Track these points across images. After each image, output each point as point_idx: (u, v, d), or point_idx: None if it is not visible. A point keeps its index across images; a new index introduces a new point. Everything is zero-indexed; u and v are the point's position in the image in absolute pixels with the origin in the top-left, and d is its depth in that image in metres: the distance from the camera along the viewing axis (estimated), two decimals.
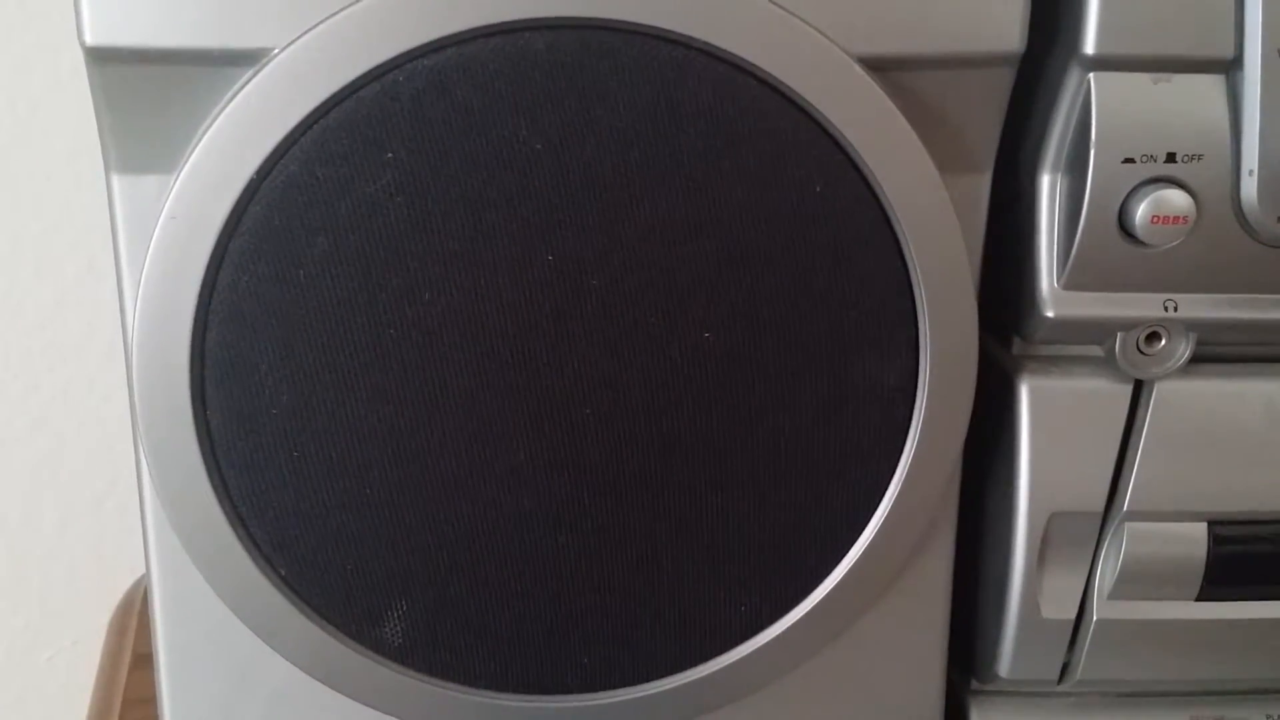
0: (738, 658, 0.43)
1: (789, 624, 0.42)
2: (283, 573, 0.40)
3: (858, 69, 0.36)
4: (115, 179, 0.38)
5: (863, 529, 0.41)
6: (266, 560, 0.40)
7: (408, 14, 0.35)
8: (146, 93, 0.36)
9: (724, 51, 0.36)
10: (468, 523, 0.39)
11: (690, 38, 0.36)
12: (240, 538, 0.39)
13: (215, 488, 0.38)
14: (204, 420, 0.38)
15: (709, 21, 0.35)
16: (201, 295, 0.36)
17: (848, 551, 0.42)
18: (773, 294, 0.38)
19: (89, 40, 0.35)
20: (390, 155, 0.35)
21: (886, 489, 0.41)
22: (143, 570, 0.43)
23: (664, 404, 0.39)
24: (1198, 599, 0.44)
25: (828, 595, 0.42)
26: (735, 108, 0.36)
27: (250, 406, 0.38)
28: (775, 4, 0.36)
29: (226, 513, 0.39)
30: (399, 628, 0.41)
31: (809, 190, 0.37)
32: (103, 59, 0.35)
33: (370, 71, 0.35)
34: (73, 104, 0.64)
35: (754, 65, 0.36)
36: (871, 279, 0.38)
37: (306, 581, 0.40)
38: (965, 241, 0.39)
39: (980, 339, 0.40)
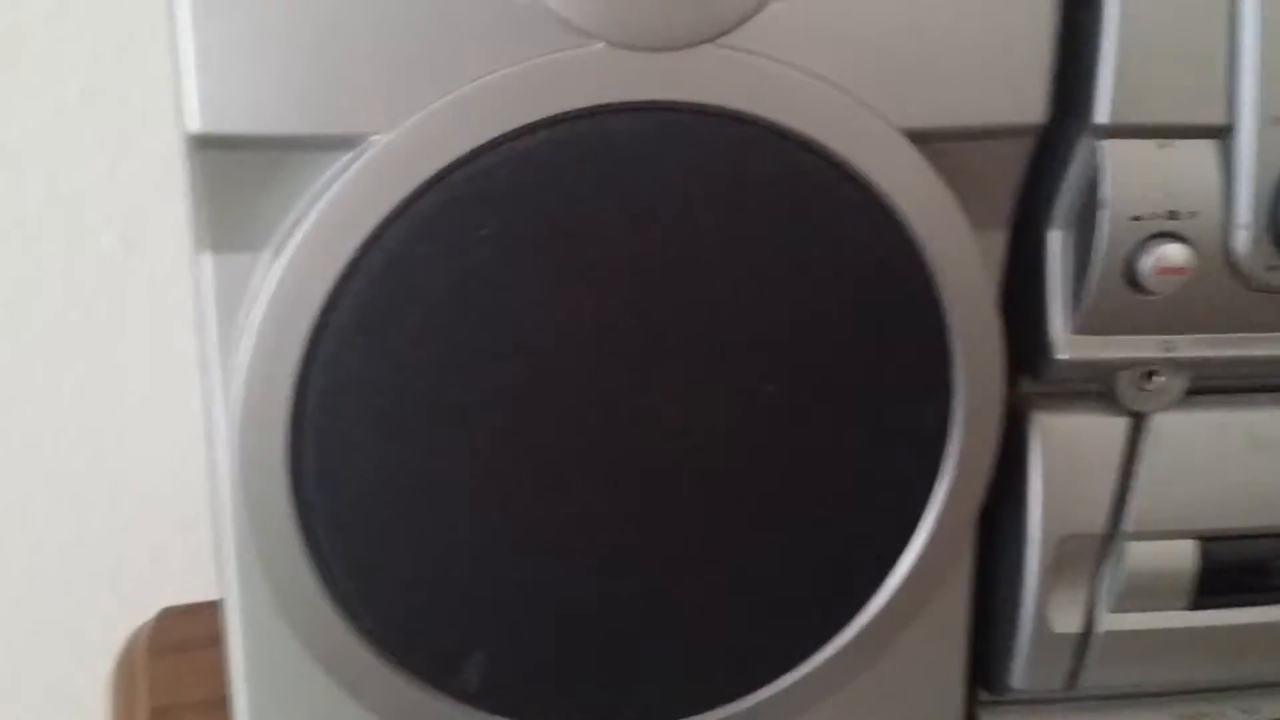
0: (784, 686, 0.46)
1: (831, 653, 0.45)
2: (368, 627, 0.42)
3: (905, 142, 0.40)
4: (207, 258, 0.39)
5: (899, 562, 0.45)
6: (354, 616, 0.41)
7: (500, 102, 0.37)
8: (244, 176, 0.38)
9: (788, 129, 0.39)
10: (543, 571, 0.42)
11: (759, 117, 0.39)
12: (329, 595, 0.41)
13: (308, 549, 0.40)
14: (298, 483, 0.40)
15: (775, 102, 0.39)
16: (301, 367, 0.38)
17: (884, 583, 0.45)
18: (827, 348, 0.41)
19: (196, 128, 0.36)
20: (485, 232, 0.38)
21: (921, 524, 0.44)
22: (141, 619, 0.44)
23: (724, 453, 0.42)
24: (1191, 608, 0.49)
25: (867, 624, 0.45)
26: (798, 180, 0.39)
27: (344, 470, 0.39)
28: (831, 83, 0.39)
29: (317, 572, 0.41)
30: (476, 674, 0.43)
31: (864, 253, 0.41)
32: (207, 145, 0.37)
33: (466, 155, 0.37)
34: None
35: (815, 140, 0.39)
36: (914, 331, 0.42)
37: (390, 635, 0.42)
38: None
39: None
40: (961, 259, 0.41)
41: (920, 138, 0.40)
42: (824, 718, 0.48)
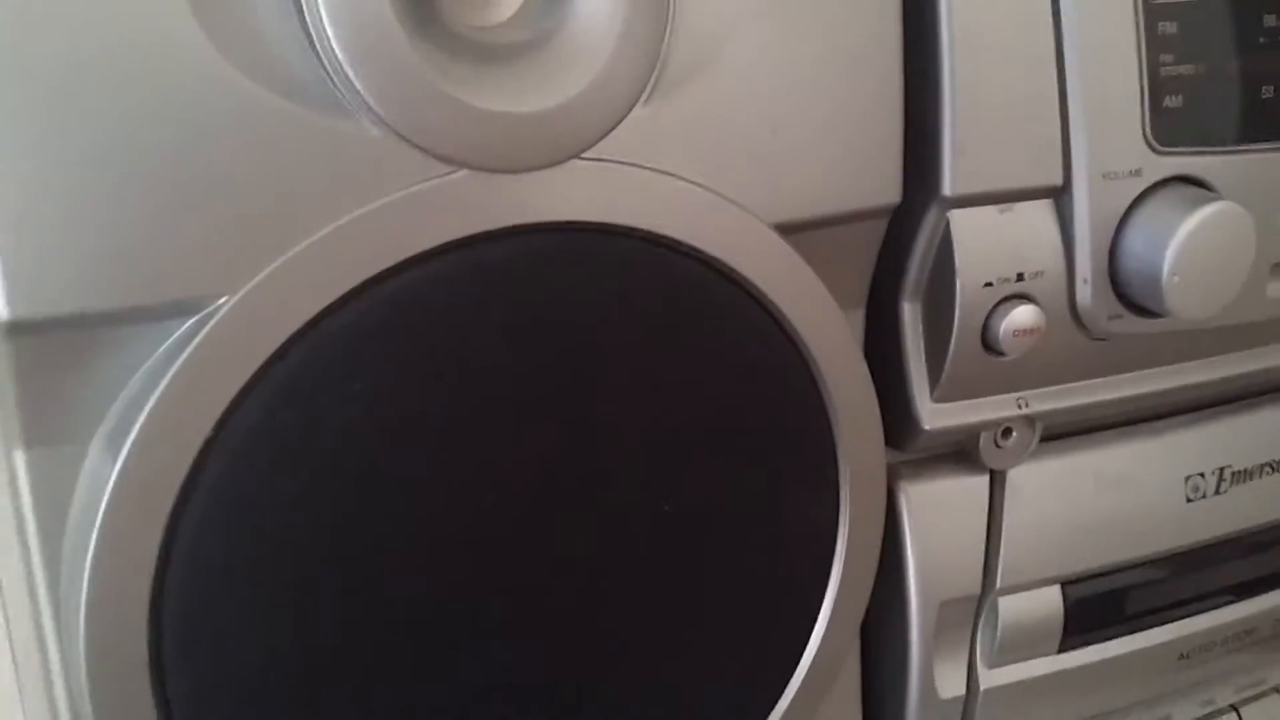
0: None
1: None
2: None
3: (775, 237, 0.38)
4: (20, 454, 0.33)
5: (803, 654, 0.43)
6: None
7: (361, 243, 0.33)
8: (64, 360, 0.32)
9: (663, 237, 0.37)
10: None
11: (633, 228, 0.36)
12: None
13: None
14: (164, 699, 0.34)
15: (647, 209, 0.36)
16: (158, 567, 0.33)
17: (785, 688, 0.43)
18: (718, 452, 0.39)
19: (7, 315, 0.31)
20: (357, 386, 0.34)
21: (820, 608, 0.43)
22: None
23: (624, 579, 0.39)
24: (1059, 651, 0.50)
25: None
26: (676, 286, 0.37)
27: (215, 668, 0.34)
28: (699, 185, 0.37)
29: None
30: None
31: (745, 350, 0.39)
32: (19, 332, 0.31)
33: (329, 306, 0.33)
34: None
35: (689, 245, 0.37)
36: (799, 421, 0.41)
37: None
38: None
39: None
40: (837, 344, 0.40)
41: (785, 229, 0.39)
42: None
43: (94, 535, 0.32)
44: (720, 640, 0.42)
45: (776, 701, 0.43)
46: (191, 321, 0.33)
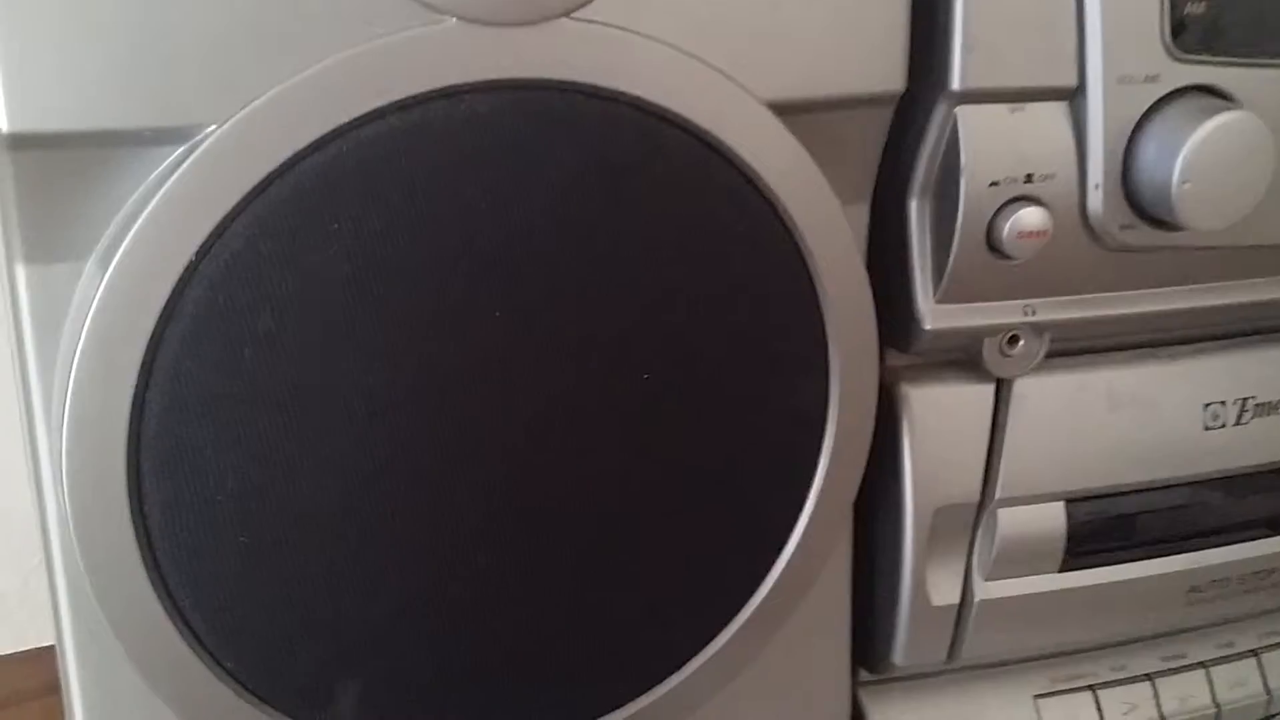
0: (671, 687, 0.44)
1: (718, 647, 0.44)
2: (228, 666, 0.38)
3: (770, 115, 0.39)
4: (21, 269, 0.35)
5: (782, 548, 0.43)
6: (210, 653, 0.38)
7: (346, 85, 0.34)
8: (62, 178, 0.34)
9: (652, 105, 0.37)
10: (413, 586, 0.39)
11: (620, 92, 0.37)
12: (180, 634, 0.37)
13: (153, 584, 0.37)
14: (140, 513, 0.36)
15: (636, 76, 0.37)
16: (139, 384, 0.35)
17: (769, 571, 0.44)
18: (700, 330, 0.40)
19: (7, 126, 0.33)
20: (336, 226, 0.35)
21: (804, 506, 0.43)
22: None
23: (602, 447, 0.40)
24: (1061, 570, 0.49)
25: (752, 614, 0.44)
26: (663, 157, 0.38)
27: (193, 495, 0.36)
28: (692, 55, 0.38)
29: (165, 608, 0.37)
30: (350, 705, 0.40)
31: (731, 230, 0.39)
32: (19, 145, 0.33)
33: (312, 144, 0.34)
34: None
35: (679, 115, 0.37)
36: (788, 309, 0.41)
37: (253, 671, 0.39)
38: None
39: None
40: (831, 233, 0.40)
41: (782, 109, 0.39)
42: (712, 716, 0.46)
43: (78, 349, 0.34)
44: (703, 521, 0.42)
45: (758, 586, 0.44)
46: (182, 148, 0.34)
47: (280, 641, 0.38)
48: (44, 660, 0.47)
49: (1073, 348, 0.48)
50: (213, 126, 0.34)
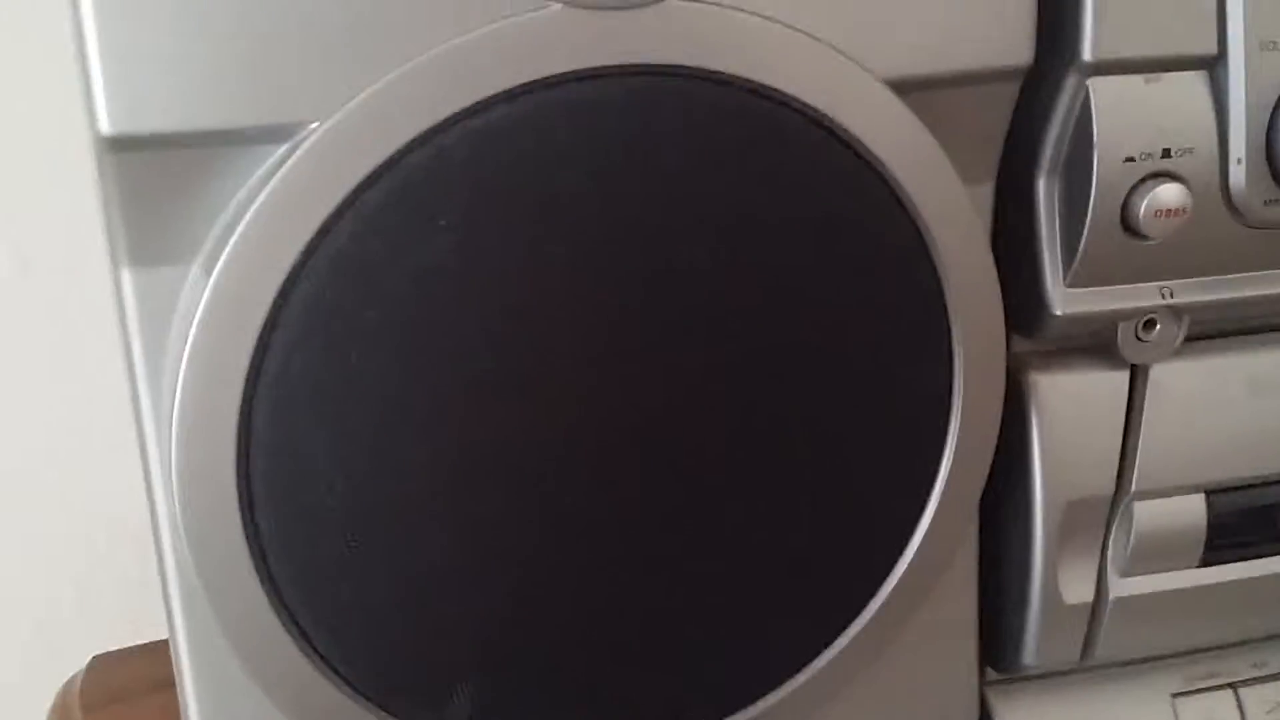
0: (794, 688, 0.42)
1: (840, 648, 0.42)
2: (339, 669, 0.38)
3: (889, 93, 0.37)
4: (127, 273, 0.35)
5: (906, 544, 0.42)
6: (320, 657, 0.37)
7: (452, 75, 0.33)
8: (164, 180, 0.34)
9: (766, 88, 0.35)
10: (527, 587, 0.38)
11: (731, 75, 0.35)
12: (291, 636, 0.37)
13: (264, 584, 0.36)
14: (251, 516, 0.35)
15: (747, 57, 0.35)
16: (246, 386, 0.34)
17: (892, 568, 0.42)
18: (819, 317, 0.38)
19: (107, 129, 0.32)
20: (444, 221, 0.34)
21: (928, 499, 0.41)
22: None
23: (719, 440, 0.38)
24: (1201, 565, 0.47)
25: (875, 613, 0.42)
26: (778, 141, 0.36)
27: (303, 497, 0.35)
28: (805, 33, 0.36)
29: (275, 609, 0.36)
30: (465, 708, 0.39)
31: (850, 214, 0.37)
32: (122, 148, 0.33)
33: (417, 137, 0.33)
34: None
35: (793, 97, 0.36)
36: (907, 294, 0.39)
37: (364, 675, 0.38)
38: None
39: None
40: (954, 215, 0.39)
41: (902, 87, 0.37)
42: (834, 716, 0.45)
43: (185, 353, 0.34)
44: (825, 519, 0.40)
45: (881, 584, 0.42)
46: (285, 147, 0.33)
47: (390, 643, 0.38)
48: (143, 659, 0.47)
49: (1212, 331, 0.45)
50: (315, 123, 0.33)
